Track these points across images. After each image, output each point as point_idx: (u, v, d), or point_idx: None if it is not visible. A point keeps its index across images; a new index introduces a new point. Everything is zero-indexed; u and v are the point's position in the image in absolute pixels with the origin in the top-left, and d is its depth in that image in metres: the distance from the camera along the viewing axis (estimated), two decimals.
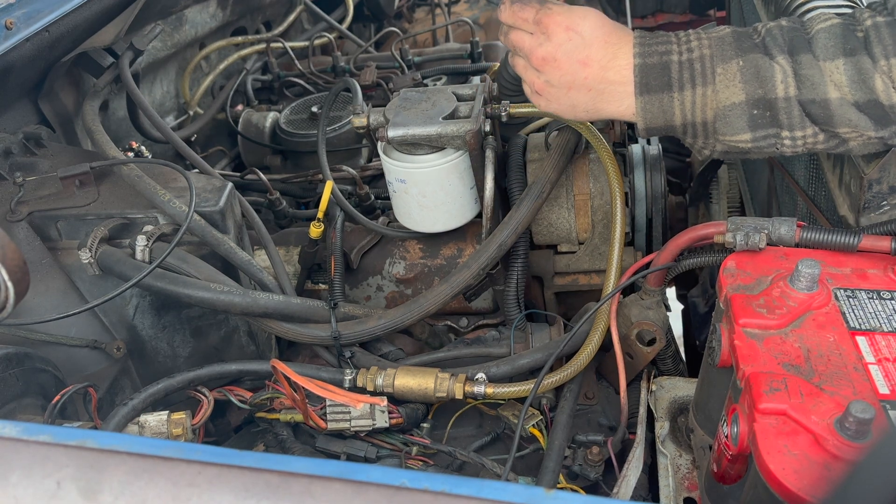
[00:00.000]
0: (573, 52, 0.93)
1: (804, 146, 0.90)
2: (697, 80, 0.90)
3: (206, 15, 1.95)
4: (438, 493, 0.58)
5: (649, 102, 0.91)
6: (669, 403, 1.07)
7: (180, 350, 1.25)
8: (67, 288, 1.14)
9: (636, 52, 0.92)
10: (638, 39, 0.93)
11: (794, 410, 0.75)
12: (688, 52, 0.91)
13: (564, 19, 0.93)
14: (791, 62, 0.88)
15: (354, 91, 1.45)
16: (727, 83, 0.89)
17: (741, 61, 0.89)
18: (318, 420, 1.04)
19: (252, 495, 0.60)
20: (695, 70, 0.90)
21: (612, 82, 0.93)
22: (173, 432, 0.99)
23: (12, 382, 0.94)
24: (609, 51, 0.92)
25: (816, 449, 0.73)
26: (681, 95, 0.90)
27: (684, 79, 0.90)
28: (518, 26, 0.97)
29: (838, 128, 0.87)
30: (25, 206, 1.17)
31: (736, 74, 0.88)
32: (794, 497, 0.70)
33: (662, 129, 0.94)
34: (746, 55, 0.89)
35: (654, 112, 0.92)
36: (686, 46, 0.92)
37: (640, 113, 0.92)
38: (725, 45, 0.90)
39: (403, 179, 1.23)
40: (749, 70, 0.88)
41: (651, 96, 0.91)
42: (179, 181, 1.23)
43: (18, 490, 0.63)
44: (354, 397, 0.87)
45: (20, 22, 1.20)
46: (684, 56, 0.91)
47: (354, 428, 1.06)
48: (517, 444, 1.01)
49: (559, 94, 0.96)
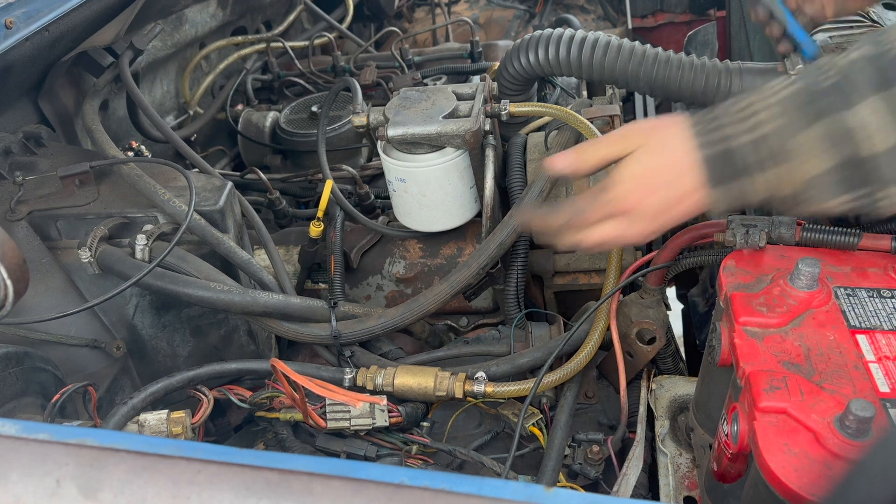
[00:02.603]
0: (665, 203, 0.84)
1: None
2: (769, 163, 0.79)
3: (206, 14, 1.95)
4: (438, 491, 0.58)
5: (723, 192, 0.82)
6: (669, 402, 1.07)
7: (180, 349, 1.25)
8: (67, 287, 1.14)
9: (697, 144, 0.82)
10: (696, 129, 0.83)
11: (794, 409, 0.75)
12: (755, 129, 0.79)
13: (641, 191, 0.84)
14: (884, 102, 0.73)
15: (354, 90, 1.45)
16: (809, 155, 0.77)
17: (819, 128, 0.76)
18: (317, 419, 1.04)
19: (252, 493, 0.60)
20: (766, 150, 0.79)
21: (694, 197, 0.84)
22: (173, 431, 0.99)
23: (12, 381, 0.94)
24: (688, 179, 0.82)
25: (817, 447, 0.73)
26: (758, 177, 0.80)
27: (755, 162, 0.79)
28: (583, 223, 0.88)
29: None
30: (25, 206, 1.17)
31: (816, 143, 0.76)
32: (795, 495, 0.70)
33: (739, 209, 0.86)
34: (824, 118, 0.76)
35: (730, 200, 0.83)
36: (753, 121, 0.80)
37: (718, 203, 0.83)
38: (799, 109, 0.78)
39: (403, 178, 1.23)
40: (833, 135, 0.76)
41: (724, 187, 0.82)
42: (179, 180, 1.23)
43: (18, 488, 0.63)
44: (354, 396, 0.87)
45: (20, 21, 1.20)
46: (753, 135, 0.79)
47: (354, 427, 1.06)
48: (517, 442, 1.01)
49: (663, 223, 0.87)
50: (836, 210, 0.79)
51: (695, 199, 0.84)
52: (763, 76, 1.21)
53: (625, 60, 1.26)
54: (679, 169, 0.83)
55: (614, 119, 1.26)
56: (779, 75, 1.20)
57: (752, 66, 1.23)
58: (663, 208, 0.85)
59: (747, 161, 0.80)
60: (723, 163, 0.81)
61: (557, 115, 1.22)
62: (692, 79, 1.23)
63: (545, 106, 1.23)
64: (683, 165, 0.82)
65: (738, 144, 0.80)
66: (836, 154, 0.76)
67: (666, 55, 1.26)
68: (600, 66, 1.27)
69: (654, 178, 0.84)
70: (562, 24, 1.94)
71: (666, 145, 0.84)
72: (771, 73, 1.21)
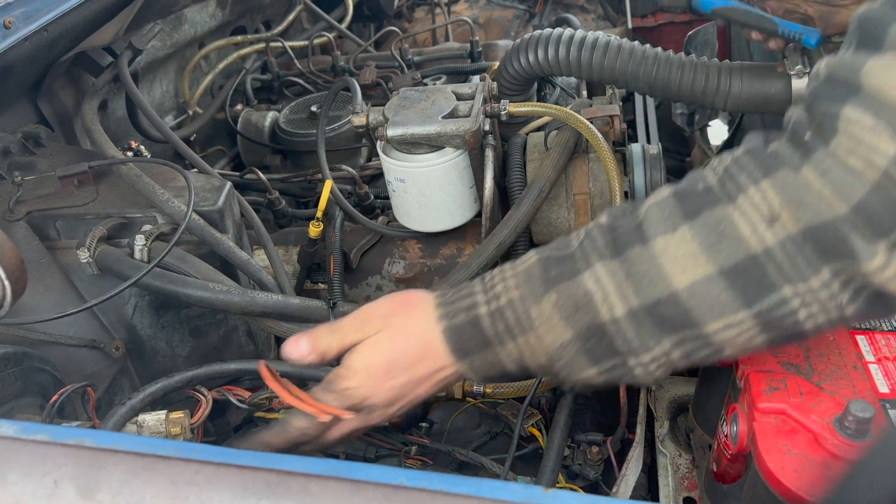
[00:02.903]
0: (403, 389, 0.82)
1: (660, 369, 0.74)
2: (515, 330, 0.76)
3: (205, 14, 1.95)
4: (436, 492, 0.58)
5: (475, 362, 0.80)
6: (669, 403, 1.07)
7: (179, 350, 1.25)
8: (66, 287, 1.14)
9: (440, 315, 0.79)
10: (438, 301, 0.81)
11: (793, 409, 0.75)
12: (495, 299, 0.78)
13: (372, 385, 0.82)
14: (614, 267, 0.72)
15: (354, 90, 1.45)
16: (547, 326, 0.75)
17: (553, 296, 0.74)
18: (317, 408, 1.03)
19: (251, 494, 0.60)
20: (508, 320, 0.77)
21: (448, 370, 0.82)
22: (171, 431, 0.98)
23: (11, 382, 0.94)
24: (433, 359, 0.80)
25: (816, 448, 0.73)
26: (503, 349, 0.78)
27: (500, 332, 0.77)
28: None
29: (703, 326, 0.69)
30: (24, 206, 1.17)
31: (552, 314, 0.74)
32: (794, 496, 0.70)
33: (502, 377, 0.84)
34: (556, 286, 0.75)
35: (486, 368, 0.80)
36: (492, 294, 0.78)
37: (470, 373, 0.81)
38: (533, 280, 0.76)
39: (403, 179, 1.23)
40: (565, 304, 0.74)
41: (473, 357, 0.79)
42: (178, 180, 1.23)
43: (17, 489, 0.63)
44: (322, 408, 0.84)
45: (19, 21, 1.20)
46: (492, 306, 0.77)
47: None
48: (516, 443, 1.01)
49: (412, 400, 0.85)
50: (596, 381, 0.77)
51: (445, 374, 0.82)
52: (763, 76, 1.21)
53: (624, 60, 1.26)
54: (420, 350, 0.80)
55: (614, 119, 1.26)
56: (779, 76, 1.20)
57: (753, 66, 1.23)
58: (399, 396, 0.83)
59: (491, 331, 0.78)
60: (467, 334, 0.78)
61: (557, 115, 1.22)
62: (692, 79, 1.23)
63: (545, 106, 1.23)
64: (426, 345, 0.80)
65: (480, 314, 0.78)
66: (575, 322, 0.74)
67: (666, 55, 1.26)
68: (600, 66, 1.27)
69: (390, 367, 0.81)
70: (561, 24, 1.94)
71: (407, 327, 0.81)
72: (771, 73, 1.21)
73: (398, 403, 0.84)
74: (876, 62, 0.63)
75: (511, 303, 0.77)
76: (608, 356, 0.74)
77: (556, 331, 0.75)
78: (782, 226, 0.65)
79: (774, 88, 1.19)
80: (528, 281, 0.77)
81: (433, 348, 0.80)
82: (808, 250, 0.65)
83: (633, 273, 0.71)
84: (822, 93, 0.67)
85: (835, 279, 0.65)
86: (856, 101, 0.63)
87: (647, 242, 0.71)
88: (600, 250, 0.74)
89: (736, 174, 0.69)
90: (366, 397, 0.82)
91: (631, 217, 0.74)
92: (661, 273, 0.69)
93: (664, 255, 0.70)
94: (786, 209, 0.65)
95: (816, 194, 0.64)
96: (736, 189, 0.68)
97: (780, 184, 0.65)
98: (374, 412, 0.84)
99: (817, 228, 0.64)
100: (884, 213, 0.61)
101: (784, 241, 0.65)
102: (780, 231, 0.65)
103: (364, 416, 0.85)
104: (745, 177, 0.67)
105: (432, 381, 0.83)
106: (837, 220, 0.63)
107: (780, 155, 0.67)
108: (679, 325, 0.70)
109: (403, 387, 0.82)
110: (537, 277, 0.76)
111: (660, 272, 0.69)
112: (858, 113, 0.62)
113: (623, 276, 0.72)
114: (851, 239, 0.62)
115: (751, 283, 0.67)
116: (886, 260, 0.62)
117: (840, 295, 0.66)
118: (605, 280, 0.72)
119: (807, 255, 0.65)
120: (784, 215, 0.65)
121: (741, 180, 0.68)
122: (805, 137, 0.66)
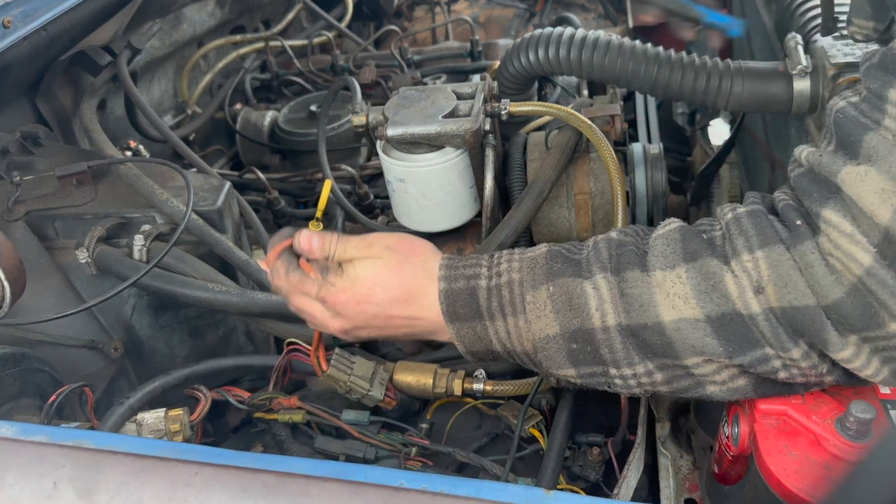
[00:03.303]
0: (372, 318, 0.86)
1: (640, 387, 0.77)
2: (507, 310, 0.80)
3: (204, 13, 1.95)
4: (437, 494, 0.58)
5: (462, 329, 0.83)
6: (670, 404, 1.07)
7: (178, 350, 1.24)
8: (65, 287, 1.13)
9: (441, 276, 0.83)
10: (444, 263, 0.85)
11: (794, 410, 0.75)
12: (497, 276, 0.81)
13: (351, 295, 0.85)
14: (612, 282, 0.75)
15: (354, 90, 1.44)
16: (538, 313, 0.78)
17: (551, 287, 0.77)
18: (323, 361, 1.03)
19: (249, 496, 0.60)
20: (503, 298, 0.80)
21: (426, 324, 0.85)
22: (171, 429, 0.98)
23: (9, 383, 0.94)
24: (412, 306, 0.84)
25: (817, 449, 0.72)
26: (493, 325, 0.81)
27: (493, 307, 0.81)
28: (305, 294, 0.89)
29: (683, 358, 0.73)
30: (23, 206, 1.17)
31: (546, 303, 0.77)
32: (795, 497, 0.70)
33: (486, 355, 0.86)
34: (556, 279, 0.78)
35: (471, 339, 0.83)
36: (496, 270, 0.82)
37: (457, 339, 0.84)
38: (537, 268, 0.80)
39: (403, 178, 1.23)
40: (560, 298, 0.77)
41: (462, 324, 0.82)
42: (177, 180, 1.22)
43: (15, 490, 0.63)
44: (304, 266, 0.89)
45: (17, 20, 1.20)
46: (493, 281, 0.81)
47: (350, 385, 1.03)
48: (517, 444, 1.00)
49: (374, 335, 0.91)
50: (576, 381, 0.80)
51: (421, 327, 0.86)
52: (764, 76, 1.21)
53: (625, 60, 1.25)
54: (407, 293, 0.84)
55: (615, 118, 1.25)
56: (780, 76, 1.19)
57: (753, 66, 1.23)
58: (366, 323, 0.87)
59: (485, 304, 0.81)
60: (461, 300, 0.82)
61: (558, 114, 1.22)
62: (693, 79, 1.23)
63: (546, 105, 1.23)
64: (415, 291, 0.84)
65: (479, 286, 0.82)
66: (563, 320, 0.76)
67: (667, 55, 1.25)
68: (600, 65, 1.27)
69: (373, 290, 0.84)
70: (562, 23, 1.94)
71: (404, 267, 0.85)
72: (772, 74, 1.21)
73: (362, 330, 0.88)
74: (852, 170, 0.65)
75: (510, 283, 0.80)
76: (591, 363, 0.77)
77: (545, 321, 0.78)
78: (766, 298, 0.69)
79: (775, 89, 1.19)
80: (531, 268, 0.80)
81: (421, 298, 0.84)
82: (786, 326, 0.68)
83: (628, 294, 0.74)
84: (805, 188, 0.70)
85: (813, 350, 0.69)
86: (835, 204, 0.66)
87: (646, 271, 0.74)
88: (603, 262, 0.77)
89: (735, 236, 0.71)
90: (341, 303, 0.86)
91: (641, 241, 0.78)
92: (653, 302, 0.73)
93: (659, 288, 0.73)
94: (771, 284, 0.68)
95: (800, 281, 0.67)
96: (732, 252, 0.71)
97: (772, 260, 0.68)
98: (337, 321, 0.88)
99: (796, 310, 0.67)
100: (855, 314, 0.65)
101: (767, 311, 0.69)
102: (763, 302, 0.69)
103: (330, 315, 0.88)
104: (743, 242, 0.70)
105: (405, 327, 0.87)
106: (815, 308, 0.67)
107: (777, 229, 0.70)
108: (661, 352, 0.74)
109: (375, 317, 0.86)
110: (541, 267, 0.80)
111: (651, 300, 0.73)
112: (838, 217, 0.65)
113: (618, 292, 0.75)
114: (826, 329, 0.67)
115: (734, 335, 0.70)
116: (856, 351, 0.67)
117: (820, 365, 0.70)
118: (603, 290, 0.75)
119: (786, 329, 0.68)
120: (769, 289, 0.68)
121: (738, 245, 0.71)
122: (797, 221, 0.69)
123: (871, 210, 0.63)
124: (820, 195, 0.67)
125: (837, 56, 1.12)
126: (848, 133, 0.67)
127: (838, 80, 1.08)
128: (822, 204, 0.67)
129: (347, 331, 0.89)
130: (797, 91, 1.18)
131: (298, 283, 0.89)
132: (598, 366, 0.77)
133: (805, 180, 0.70)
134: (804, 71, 1.16)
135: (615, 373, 0.77)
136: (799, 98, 1.18)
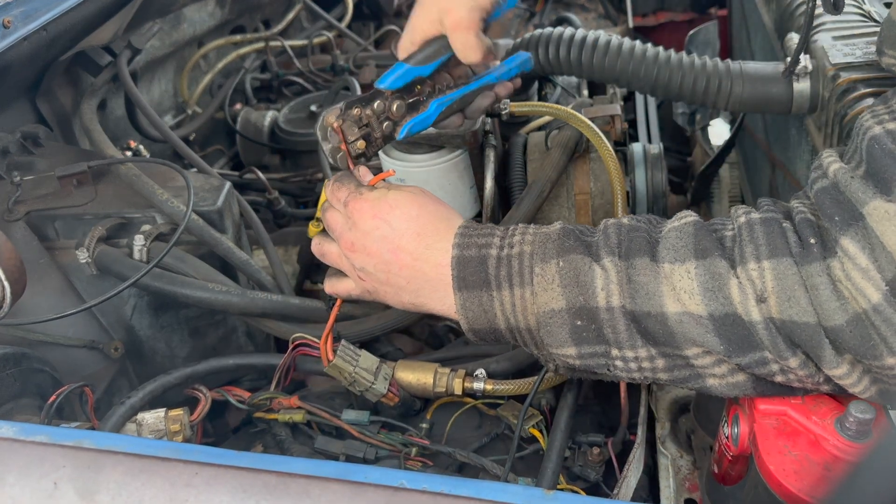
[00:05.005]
0: (381, 240, 0.86)
1: (640, 372, 0.77)
2: (515, 280, 0.80)
3: (204, 13, 1.95)
4: (437, 494, 0.58)
5: (468, 300, 0.82)
6: (670, 404, 1.07)
7: (178, 350, 1.24)
8: (65, 288, 1.13)
9: (455, 243, 0.83)
10: (461, 230, 0.85)
11: (794, 411, 0.75)
12: (508, 247, 0.82)
13: (371, 206, 0.87)
14: (620, 266, 0.75)
15: (354, 90, 1.45)
16: (545, 286, 0.78)
17: (561, 262, 0.78)
18: (329, 351, 1.03)
19: (249, 496, 0.60)
20: (512, 268, 0.80)
21: (430, 278, 0.85)
22: (171, 429, 0.98)
23: (9, 383, 0.94)
24: (422, 242, 0.85)
25: (817, 449, 0.72)
26: (499, 295, 0.81)
27: (501, 276, 0.81)
28: (334, 206, 0.91)
29: (684, 349, 0.73)
30: (23, 206, 1.17)
31: (554, 277, 0.77)
32: (795, 498, 0.70)
33: (489, 333, 0.85)
34: (567, 255, 0.78)
35: (475, 311, 0.82)
36: (508, 241, 0.83)
37: (461, 311, 0.83)
38: (549, 242, 0.80)
39: (402, 178, 1.23)
40: (568, 273, 0.77)
41: (469, 293, 0.82)
42: (177, 180, 1.22)
43: (15, 490, 0.63)
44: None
45: (18, 21, 1.20)
46: (504, 251, 0.82)
47: (355, 376, 1.03)
48: (517, 444, 1.00)
49: (378, 284, 0.89)
50: (575, 363, 0.80)
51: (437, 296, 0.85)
52: (764, 77, 1.21)
53: (625, 60, 1.25)
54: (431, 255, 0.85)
55: (615, 118, 1.25)
56: (780, 76, 1.19)
57: (754, 66, 1.23)
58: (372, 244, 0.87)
59: (493, 272, 0.81)
60: (471, 267, 0.82)
61: (558, 114, 1.22)
62: (693, 79, 1.23)
63: (546, 105, 1.23)
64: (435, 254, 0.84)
65: (490, 254, 0.82)
66: (570, 295, 0.77)
67: (667, 55, 1.25)
68: (601, 65, 1.27)
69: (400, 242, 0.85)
70: (562, 23, 1.94)
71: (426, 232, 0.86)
72: (773, 74, 1.21)
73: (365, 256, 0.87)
74: (881, 205, 0.64)
75: (521, 255, 0.81)
76: (593, 342, 0.77)
77: (551, 294, 0.78)
78: (768, 308, 0.68)
79: (776, 89, 1.19)
80: (543, 242, 0.81)
81: (433, 238, 0.85)
82: (785, 336, 0.69)
83: (635, 280, 0.74)
84: (827, 208, 0.68)
85: (810, 361, 0.69)
86: (855, 233, 0.65)
87: (656, 261, 0.74)
88: (611, 247, 0.77)
89: (745, 242, 0.71)
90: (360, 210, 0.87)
91: (653, 229, 0.78)
92: (659, 292, 0.73)
93: (666, 280, 0.73)
94: (774, 296, 0.68)
95: (804, 298, 0.67)
96: (740, 257, 0.71)
97: (779, 272, 0.68)
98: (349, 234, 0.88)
99: (796, 325, 0.67)
100: (854, 342, 0.65)
101: (767, 321, 0.69)
102: (765, 311, 0.69)
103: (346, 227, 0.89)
104: (752, 250, 0.70)
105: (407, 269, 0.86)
106: (815, 326, 0.67)
107: (789, 242, 0.69)
108: (662, 341, 0.74)
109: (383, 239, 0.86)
110: (553, 241, 0.80)
111: (657, 290, 0.73)
112: (855, 249, 0.65)
113: (626, 277, 0.75)
114: (823, 346, 0.67)
115: (735, 336, 0.70)
116: (849, 370, 0.68)
117: (817, 375, 0.70)
118: (611, 272, 0.76)
119: (784, 339, 0.69)
120: (772, 300, 0.68)
121: (747, 252, 0.70)
122: (811, 240, 0.69)
123: (893, 248, 0.62)
124: (842, 220, 0.66)
125: (837, 56, 1.12)
126: (883, 167, 0.65)
127: (838, 81, 1.08)
128: (842, 231, 0.66)
129: (354, 248, 0.88)
130: (797, 91, 1.17)
131: (336, 188, 0.91)
132: (600, 345, 0.77)
133: (828, 198, 0.69)
134: (804, 71, 1.16)
135: (617, 353, 0.76)
136: (799, 98, 1.18)
